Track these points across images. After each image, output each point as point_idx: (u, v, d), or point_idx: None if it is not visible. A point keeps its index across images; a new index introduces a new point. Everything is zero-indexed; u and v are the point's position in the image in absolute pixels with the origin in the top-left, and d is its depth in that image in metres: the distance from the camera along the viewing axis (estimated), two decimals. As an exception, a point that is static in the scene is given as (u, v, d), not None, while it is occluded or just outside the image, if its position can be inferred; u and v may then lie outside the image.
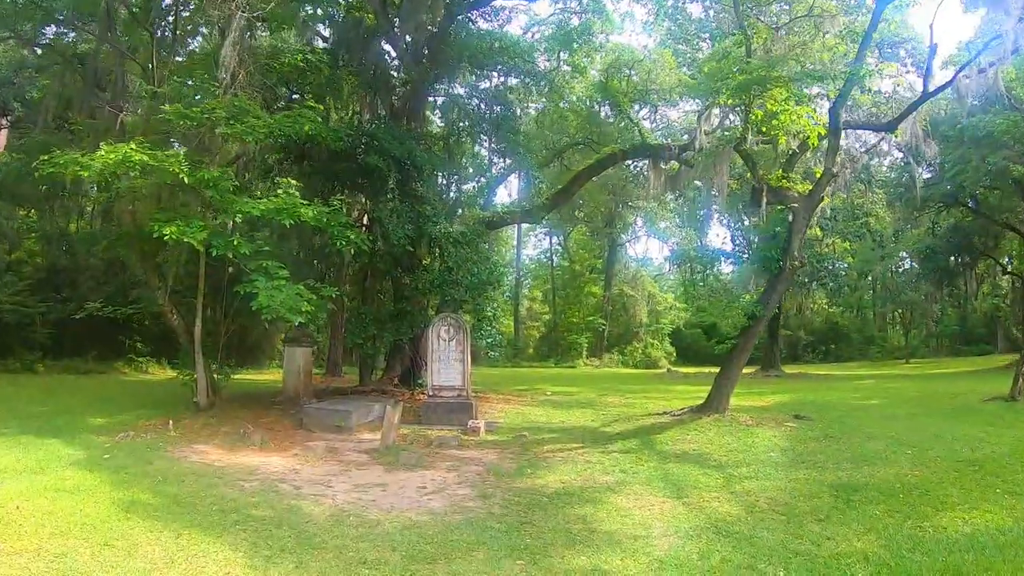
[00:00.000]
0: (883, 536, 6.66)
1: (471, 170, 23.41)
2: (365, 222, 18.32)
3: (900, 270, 48.37)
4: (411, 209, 15.59)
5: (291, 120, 12.44)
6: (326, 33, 20.77)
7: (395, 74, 20.19)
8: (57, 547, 6.15)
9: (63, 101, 17.24)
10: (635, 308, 46.27)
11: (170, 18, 17.65)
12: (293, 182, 12.27)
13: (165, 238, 10.60)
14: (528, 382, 24.93)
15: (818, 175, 15.88)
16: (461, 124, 21.08)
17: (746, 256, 39.09)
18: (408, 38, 18.84)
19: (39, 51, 22.35)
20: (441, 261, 16.04)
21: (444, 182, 20.72)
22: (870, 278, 46.12)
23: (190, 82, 13.37)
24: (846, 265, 38.99)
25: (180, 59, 17.18)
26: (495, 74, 21.26)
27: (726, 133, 18.59)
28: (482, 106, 20.69)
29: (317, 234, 14.71)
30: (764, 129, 15.58)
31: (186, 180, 10.77)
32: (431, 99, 22.13)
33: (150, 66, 14.29)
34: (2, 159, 23.39)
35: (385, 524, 7.13)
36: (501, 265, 20.46)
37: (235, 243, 11.26)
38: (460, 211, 19.02)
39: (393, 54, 20.24)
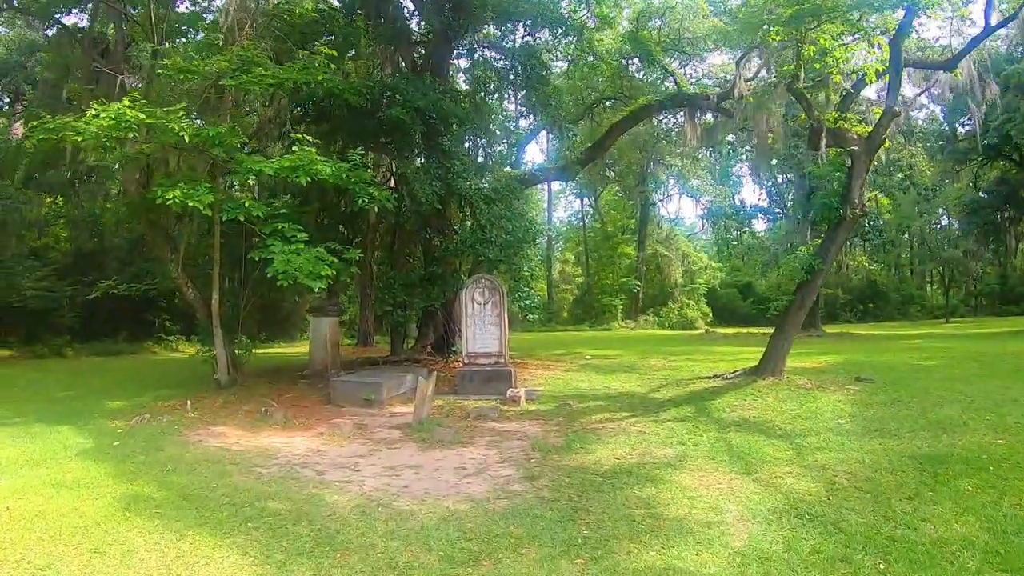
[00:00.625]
0: (982, 517, 5.84)
1: (499, 133, 22.18)
2: (391, 184, 17.25)
3: (938, 227, 46.34)
4: (439, 166, 14.47)
5: (303, 70, 11.30)
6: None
7: (416, 27, 18.90)
8: (42, 555, 5.31)
9: (62, 71, 16.29)
10: (669, 268, 44.79)
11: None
12: (309, 138, 11.18)
13: (168, 203, 9.62)
14: (565, 346, 23.87)
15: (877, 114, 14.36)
16: (487, 79, 19.76)
17: (780, 212, 37.88)
18: (428, -14, 17.51)
19: (50, 34, 21.51)
20: (473, 220, 14.93)
21: (472, 143, 19.45)
22: (907, 235, 44.08)
23: (193, 35, 12.19)
24: (882, 221, 37.23)
25: (183, 7, 15.95)
26: (521, 27, 19.84)
27: (772, 77, 17.05)
28: (509, 59, 19.30)
29: (340, 195, 13.65)
30: (818, 66, 14.15)
31: (187, 138, 9.74)
32: (454, 59, 20.84)
33: (150, 21, 13.16)
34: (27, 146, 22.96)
35: (419, 516, 6.14)
36: (536, 222, 19.22)
37: (246, 205, 10.25)
38: (490, 169, 17.80)
39: (412, 7, 18.94)
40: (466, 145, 16.98)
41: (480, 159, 17.72)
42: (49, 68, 17.23)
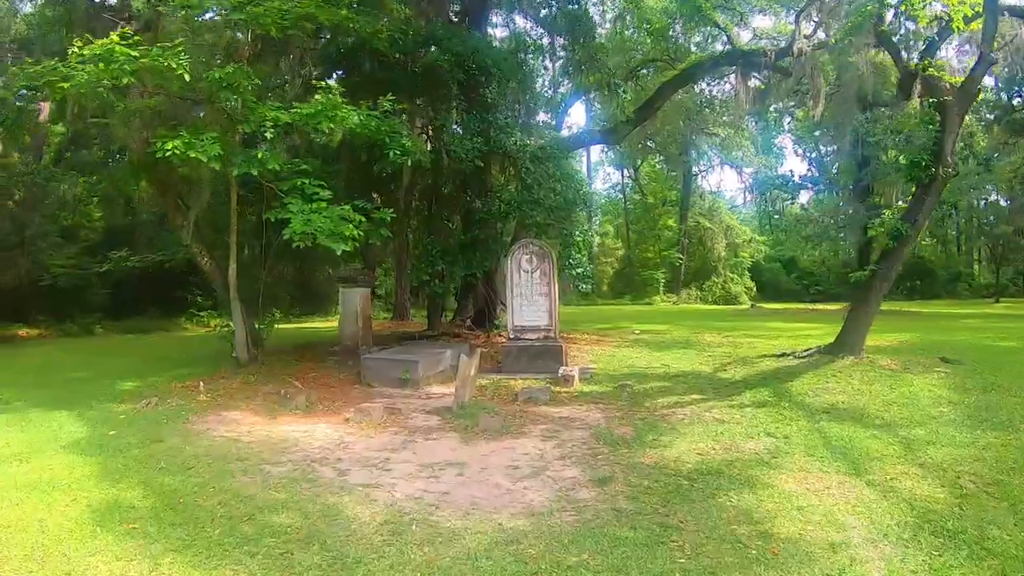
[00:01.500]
0: None
1: (541, 93, 20.55)
2: (428, 146, 15.75)
3: (983, 203, 43.52)
4: (479, 120, 12.92)
5: (323, 5, 9.77)
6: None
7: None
8: (-26, 590, 3.99)
9: (63, 27, 14.99)
10: (713, 241, 42.85)
11: None
12: (334, 85, 9.72)
13: (168, 155, 8.26)
14: (609, 320, 22.29)
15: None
16: (528, 35, 18.11)
17: (826, 183, 35.80)
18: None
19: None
20: (517, 181, 13.39)
21: (514, 99, 17.84)
22: (955, 210, 41.49)
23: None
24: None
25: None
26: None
27: (831, 35, 15.32)
28: (553, 8, 17.52)
29: (370, 153, 12.19)
30: (904, 7, 12.44)
31: (186, 76, 8.32)
32: (492, 14, 19.21)
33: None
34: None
35: (464, 537, 4.69)
36: (586, 183, 17.57)
37: (260, 157, 8.85)
38: (535, 128, 16.19)
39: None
40: (509, 99, 15.38)
41: (523, 118, 16.11)
42: (46, 23, 15.89)
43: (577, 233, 13.30)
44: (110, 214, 27.05)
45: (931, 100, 12.26)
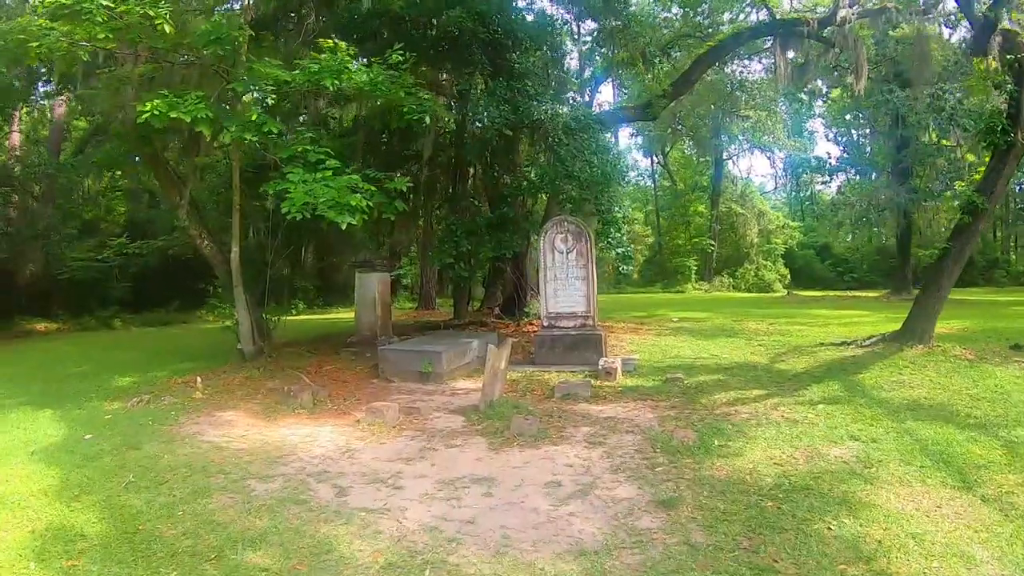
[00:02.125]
0: None
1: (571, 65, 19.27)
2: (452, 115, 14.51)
3: (1018, 187, 41.52)
4: (505, 87, 11.67)
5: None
6: None
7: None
8: None
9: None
10: (745, 228, 41.31)
11: None
12: (342, 44, 8.56)
13: (146, 118, 7.14)
14: (643, 308, 20.91)
15: None
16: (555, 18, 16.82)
17: (857, 167, 34.09)
18: None
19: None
20: (548, 153, 12.13)
21: (543, 68, 16.57)
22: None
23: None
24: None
25: None
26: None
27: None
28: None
29: (385, 116, 11.01)
30: None
31: (167, 28, 7.21)
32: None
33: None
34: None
35: (494, 589, 3.51)
36: (624, 157, 16.23)
37: (254, 119, 7.71)
38: (566, 99, 14.89)
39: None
40: (538, 69, 14.08)
41: (553, 88, 14.79)
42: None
43: (616, 209, 11.98)
44: (133, 209, 26.42)
45: (1009, 57, 10.78)
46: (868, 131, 34.34)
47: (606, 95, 40.22)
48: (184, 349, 13.62)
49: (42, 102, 25.56)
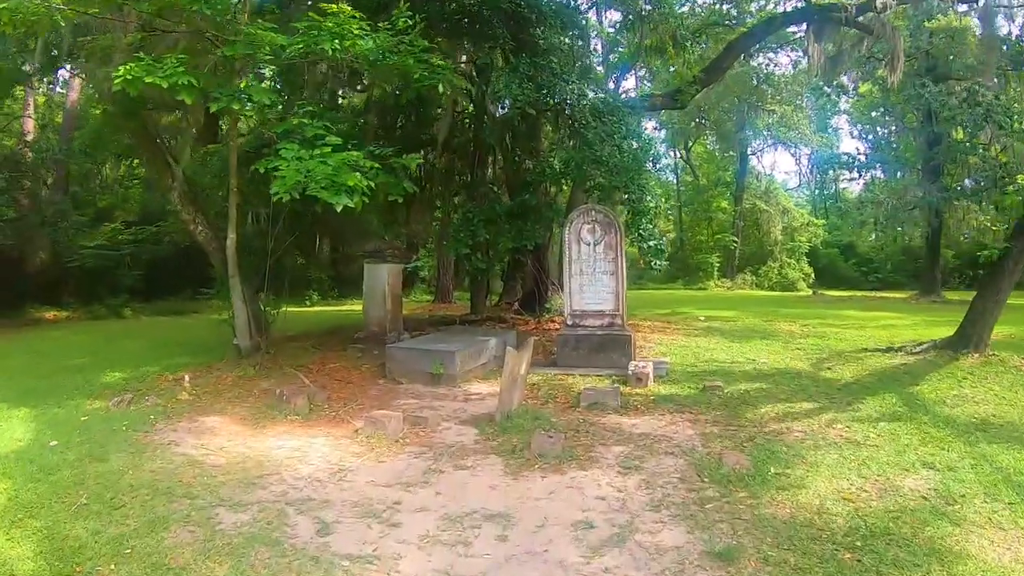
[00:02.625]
0: None
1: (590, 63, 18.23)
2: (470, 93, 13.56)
3: None
4: (529, 63, 10.72)
5: None
6: None
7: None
8: None
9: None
10: (769, 224, 40.23)
11: None
12: (345, 7, 7.65)
13: (120, 84, 6.29)
14: (666, 305, 19.85)
15: None
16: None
17: (885, 164, 32.90)
18: None
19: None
20: (574, 137, 11.17)
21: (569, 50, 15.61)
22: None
23: None
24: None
25: None
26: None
27: None
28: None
29: (400, 101, 10.11)
30: None
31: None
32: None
33: None
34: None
35: None
36: (655, 143, 15.18)
37: (243, 87, 6.84)
38: (593, 81, 13.90)
39: None
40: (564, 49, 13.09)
41: (579, 69, 13.80)
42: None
43: (648, 198, 10.94)
44: (150, 196, 25.89)
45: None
46: (894, 128, 33.65)
47: (630, 86, 39.46)
48: (186, 341, 12.84)
49: (59, 90, 25.20)
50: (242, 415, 6.85)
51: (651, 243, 10.45)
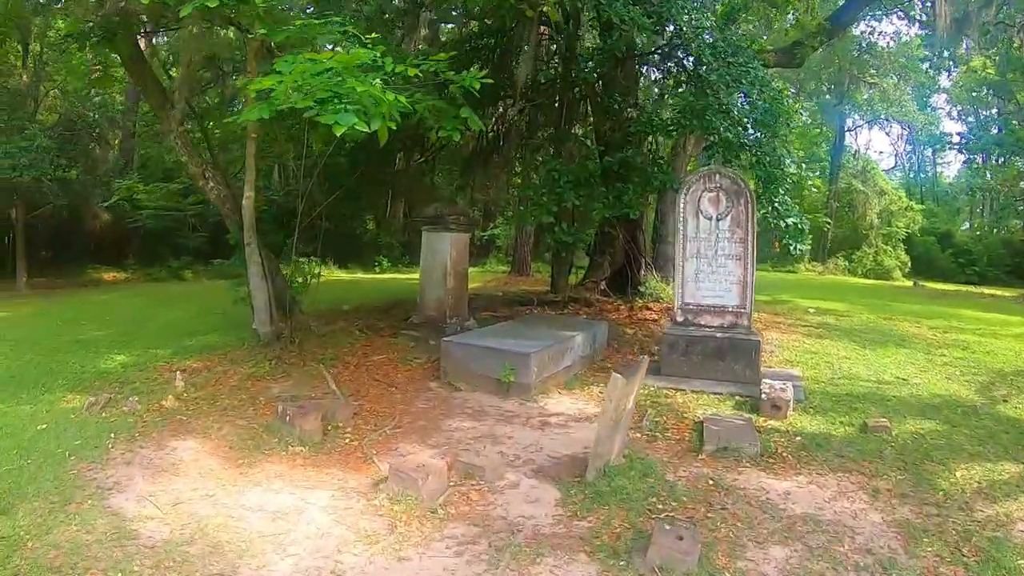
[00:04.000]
0: None
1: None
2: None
3: None
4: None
5: None
6: None
7: None
8: None
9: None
10: (865, 207, 37.21)
11: None
12: None
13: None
14: (762, 290, 17.18)
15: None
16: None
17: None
18: None
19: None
20: (691, 80, 8.76)
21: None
22: None
23: None
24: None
25: None
26: None
27: None
28: None
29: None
30: None
31: None
32: None
33: None
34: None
35: None
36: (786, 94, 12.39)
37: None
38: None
39: None
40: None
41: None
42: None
43: (788, 161, 8.41)
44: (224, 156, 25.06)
45: None
46: (995, 110, 32.42)
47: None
48: (227, 313, 11.19)
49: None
50: (228, 440, 4.92)
51: (790, 220, 7.98)
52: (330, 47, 5.83)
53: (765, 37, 27.18)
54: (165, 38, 16.01)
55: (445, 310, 8.55)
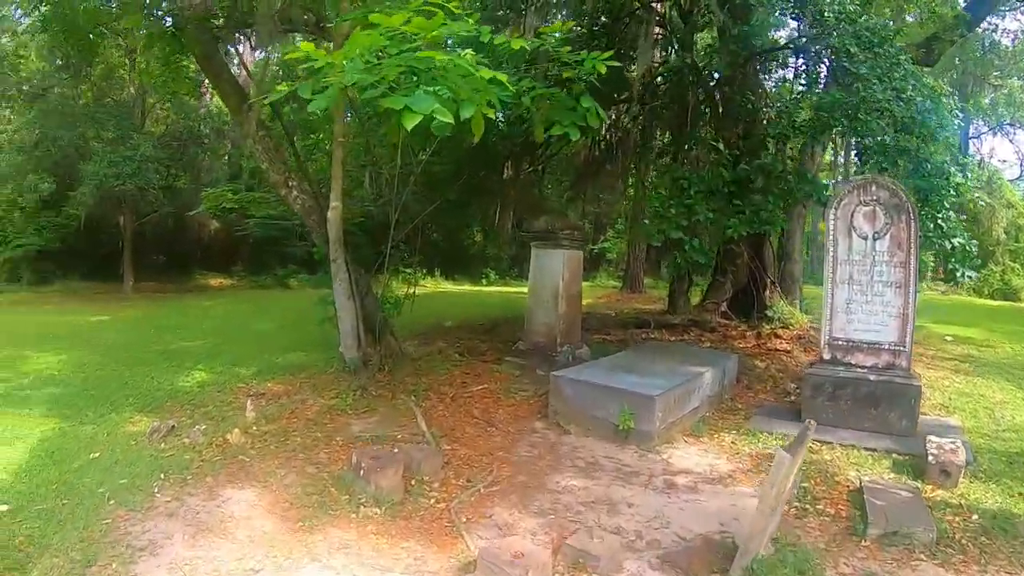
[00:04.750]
0: None
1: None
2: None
3: None
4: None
5: None
6: None
7: None
8: None
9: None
10: (991, 220, 33.63)
11: None
12: None
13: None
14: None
15: None
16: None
17: None
18: None
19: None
20: (835, 74, 7.47)
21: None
22: None
23: None
24: None
25: None
26: None
27: None
28: None
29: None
30: None
31: None
32: None
33: None
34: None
35: None
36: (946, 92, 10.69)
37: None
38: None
39: None
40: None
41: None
42: None
43: (955, 170, 6.99)
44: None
45: None
46: None
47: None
48: (319, 326, 10.76)
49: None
50: (291, 493, 4.10)
51: (956, 241, 6.59)
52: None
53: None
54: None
55: (555, 336, 7.58)
